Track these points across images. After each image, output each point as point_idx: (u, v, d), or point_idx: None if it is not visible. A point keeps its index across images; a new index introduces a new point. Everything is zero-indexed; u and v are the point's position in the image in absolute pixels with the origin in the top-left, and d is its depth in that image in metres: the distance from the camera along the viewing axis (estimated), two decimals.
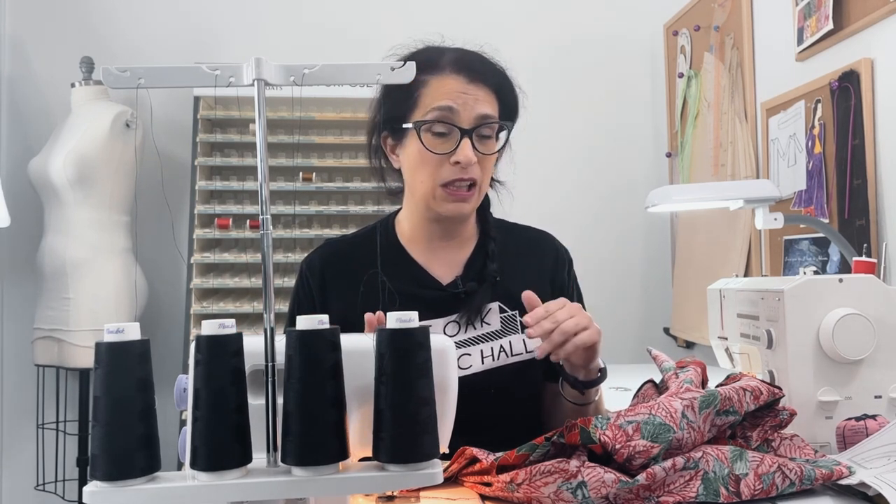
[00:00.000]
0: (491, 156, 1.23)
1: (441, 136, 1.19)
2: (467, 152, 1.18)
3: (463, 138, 1.18)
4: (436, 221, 1.28)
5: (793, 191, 2.08)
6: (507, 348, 1.25)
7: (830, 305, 1.09)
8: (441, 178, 1.20)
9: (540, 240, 1.38)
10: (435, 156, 1.19)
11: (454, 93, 1.19)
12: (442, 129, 1.19)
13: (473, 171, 1.20)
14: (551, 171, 3.08)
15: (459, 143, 1.18)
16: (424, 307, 1.18)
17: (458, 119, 1.19)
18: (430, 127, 1.19)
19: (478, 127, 1.19)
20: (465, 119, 1.19)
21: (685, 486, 0.84)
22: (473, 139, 1.19)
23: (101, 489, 0.64)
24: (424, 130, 1.20)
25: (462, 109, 1.19)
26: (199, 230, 2.71)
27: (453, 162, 1.19)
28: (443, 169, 1.20)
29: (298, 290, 1.32)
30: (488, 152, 1.22)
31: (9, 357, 2.94)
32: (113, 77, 0.71)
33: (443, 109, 1.18)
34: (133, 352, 0.64)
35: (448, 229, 1.30)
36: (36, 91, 2.96)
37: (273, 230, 0.72)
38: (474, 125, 1.19)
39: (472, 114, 1.19)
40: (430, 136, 1.20)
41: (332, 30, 3.01)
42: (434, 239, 1.30)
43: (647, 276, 3.12)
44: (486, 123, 1.20)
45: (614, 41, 3.12)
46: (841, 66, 1.85)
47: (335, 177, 2.82)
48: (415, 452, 0.66)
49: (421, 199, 1.25)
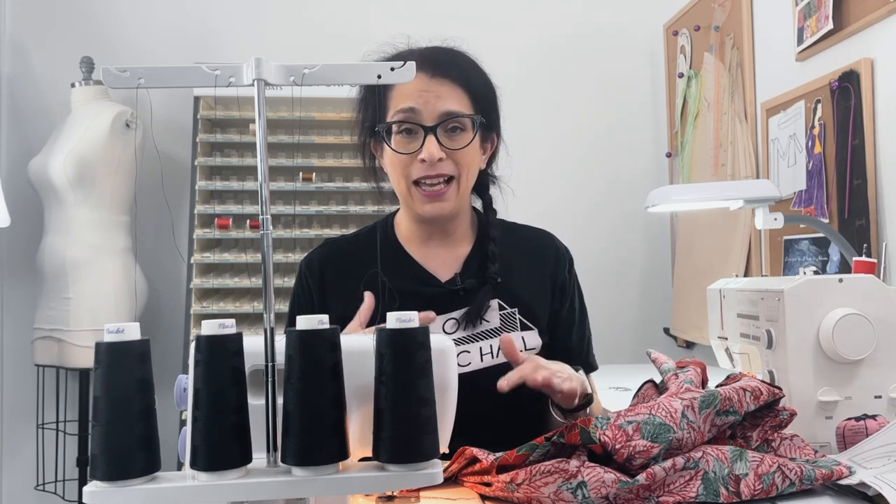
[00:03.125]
0: (464, 149, 1.23)
1: (409, 134, 1.22)
2: (431, 149, 1.19)
3: (427, 136, 1.20)
4: (424, 223, 1.29)
5: (793, 191, 2.08)
6: None
7: (830, 305, 1.09)
8: (411, 176, 1.22)
9: (540, 238, 1.38)
10: (403, 156, 1.22)
11: (416, 92, 1.21)
12: (408, 127, 1.21)
13: (443, 167, 1.21)
14: (551, 170, 3.08)
15: (424, 141, 1.20)
16: (423, 305, 1.19)
17: (421, 118, 1.21)
18: (398, 128, 1.22)
19: (442, 122, 1.21)
20: (429, 117, 1.21)
21: (685, 486, 0.84)
22: (439, 135, 1.20)
23: (101, 489, 0.64)
24: (394, 133, 1.22)
25: (424, 108, 1.20)
26: (199, 230, 2.71)
27: (420, 160, 1.20)
28: (412, 167, 1.22)
29: (298, 290, 1.32)
30: (458, 146, 1.22)
31: (9, 357, 2.94)
32: (113, 77, 0.71)
33: (405, 111, 1.21)
34: (133, 352, 0.64)
35: (440, 228, 1.30)
36: (36, 91, 2.96)
37: (273, 230, 0.72)
38: (438, 121, 1.21)
39: (435, 111, 1.21)
40: (399, 137, 1.22)
41: (332, 30, 3.01)
42: (429, 238, 1.31)
43: (646, 276, 3.12)
44: (450, 118, 1.21)
45: (614, 41, 3.13)
46: (841, 66, 1.85)
47: (335, 177, 2.82)
48: (415, 452, 0.66)
49: (403, 200, 1.28)
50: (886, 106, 1.73)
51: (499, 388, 1.07)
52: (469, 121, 1.23)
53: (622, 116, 3.13)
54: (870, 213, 1.74)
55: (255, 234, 2.73)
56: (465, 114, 1.22)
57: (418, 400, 0.66)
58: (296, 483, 0.66)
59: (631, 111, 3.13)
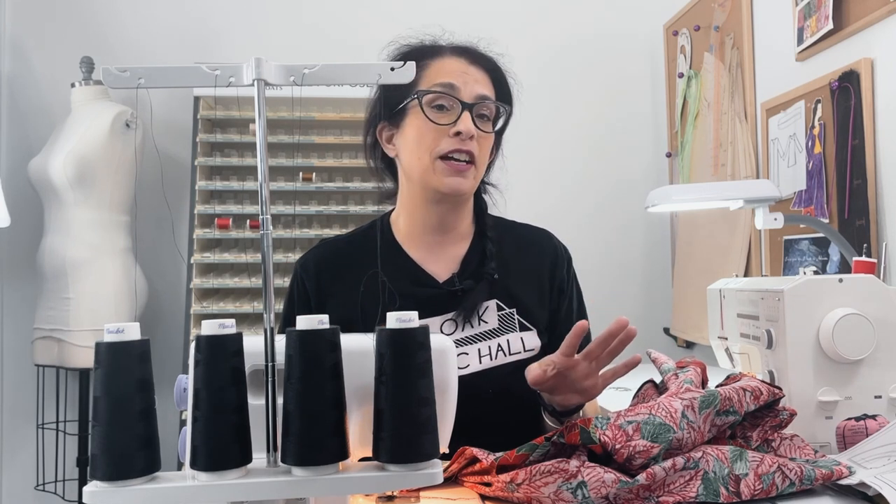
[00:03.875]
0: (488, 136, 1.25)
1: (442, 109, 1.22)
2: (468, 123, 1.20)
3: (464, 111, 1.21)
4: (434, 203, 1.27)
5: (793, 191, 2.08)
6: (504, 347, 1.24)
7: (830, 305, 1.09)
8: (440, 149, 1.21)
9: (539, 237, 1.38)
10: (435, 128, 1.21)
11: (456, 72, 1.23)
12: (444, 102, 1.22)
13: (472, 145, 1.22)
14: (551, 170, 3.08)
15: (461, 115, 1.21)
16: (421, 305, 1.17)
17: (459, 94, 1.22)
18: (432, 101, 1.22)
19: (478, 104, 1.23)
20: (467, 95, 1.22)
21: (685, 486, 0.84)
22: (473, 115, 1.22)
23: (101, 489, 0.64)
24: (426, 104, 1.22)
25: (463, 87, 1.22)
26: (199, 230, 2.71)
27: (453, 133, 1.21)
28: (442, 141, 1.21)
29: (293, 291, 1.31)
30: (487, 131, 1.24)
31: (9, 357, 2.94)
32: (113, 77, 0.71)
33: (445, 86, 1.22)
34: (133, 352, 0.64)
35: (445, 218, 1.29)
36: (36, 91, 2.95)
37: (273, 230, 0.73)
38: (475, 101, 1.22)
39: (473, 92, 1.23)
40: (431, 110, 1.23)
41: (332, 30, 3.01)
42: (430, 233, 1.29)
43: (646, 276, 3.12)
44: (485, 102, 1.23)
45: (614, 41, 3.12)
46: (841, 66, 1.85)
47: (335, 177, 2.82)
48: (415, 452, 0.66)
49: (419, 177, 1.24)
50: (886, 106, 1.73)
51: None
52: (495, 112, 1.26)
53: (622, 116, 3.12)
54: (870, 213, 1.74)
55: (255, 234, 2.73)
56: (497, 101, 1.26)
57: (418, 400, 0.66)
58: (296, 483, 0.66)
59: (631, 111, 3.13)
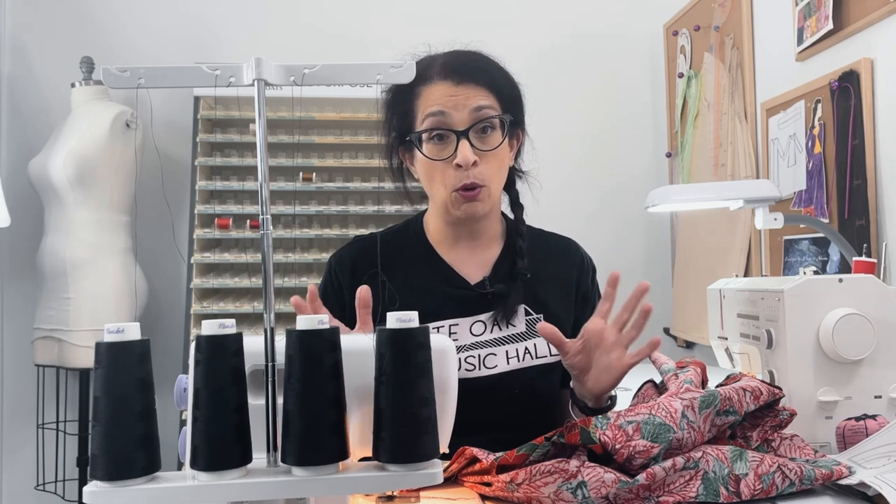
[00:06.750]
0: (495, 150, 1.23)
1: (440, 140, 1.21)
2: (465, 153, 1.19)
3: (460, 140, 1.19)
4: (456, 224, 1.29)
5: (793, 191, 2.08)
6: (531, 350, 1.26)
7: (830, 305, 1.09)
8: (451, 184, 1.21)
9: (566, 246, 1.40)
10: (439, 162, 1.21)
11: (444, 97, 1.20)
12: (439, 133, 1.20)
13: (476, 171, 1.21)
14: (551, 170, 3.06)
15: (457, 146, 1.19)
16: (453, 306, 1.24)
17: (451, 122, 1.20)
18: (429, 135, 1.21)
19: (473, 125, 1.20)
20: (459, 120, 1.20)
21: (685, 486, 0.84)
22: (471, 138, 1.20)
23: (101, 489, 0.64)
24: (425, 140, 1.22)
25: (454, 111, 1.20)
26: (199, 230, 2.71)
27: (455, 165, 1.20)
28: (449, 174, 1.21)
29: (326, 286, 1.32)
30: (489, 147, 1.22)
31: (9, 357, 2.94)
32: (113, 77, 0.71)
33: (434, 115, 1.20)
34: (133, 352, 0.64)
35: (471, 230, 1.31)
36: (36, 91, 2.95)
37: (273, 230, 0.73)
38: (470, 124, 1.20)
39: (465, 113, 1.20)
40: (430, 144, 1.22)
41: (332, 29, 3.01)
42: (459, 240, 1.32)
43: (646, 276, 3.10)
44: (481, 119, 1.20)
45: (614, 41, 3.12)
46: (841, 66, 1.85)
47: (335, 177, 2.82)
48: (415, 452, 0.66)
49: (441, 205, 1.26)
50: (886, 106, 1.73)
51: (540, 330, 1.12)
52: (498, 120, 1.23)
53: (622, 116, 3.12)
54: (870, 213, 1.74)
55: (255, 234, 2.73)
56: (493, 111, 1.22)
57: (418, 400, 0.66)
58: (296, 483, 0.66)
59: (631, 111, 3.13)
